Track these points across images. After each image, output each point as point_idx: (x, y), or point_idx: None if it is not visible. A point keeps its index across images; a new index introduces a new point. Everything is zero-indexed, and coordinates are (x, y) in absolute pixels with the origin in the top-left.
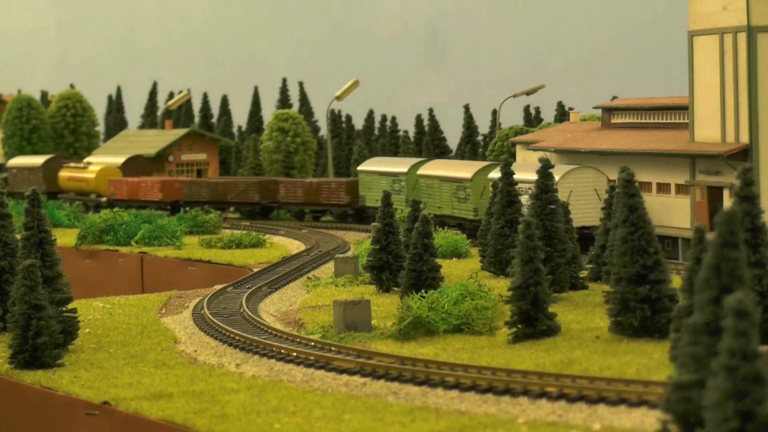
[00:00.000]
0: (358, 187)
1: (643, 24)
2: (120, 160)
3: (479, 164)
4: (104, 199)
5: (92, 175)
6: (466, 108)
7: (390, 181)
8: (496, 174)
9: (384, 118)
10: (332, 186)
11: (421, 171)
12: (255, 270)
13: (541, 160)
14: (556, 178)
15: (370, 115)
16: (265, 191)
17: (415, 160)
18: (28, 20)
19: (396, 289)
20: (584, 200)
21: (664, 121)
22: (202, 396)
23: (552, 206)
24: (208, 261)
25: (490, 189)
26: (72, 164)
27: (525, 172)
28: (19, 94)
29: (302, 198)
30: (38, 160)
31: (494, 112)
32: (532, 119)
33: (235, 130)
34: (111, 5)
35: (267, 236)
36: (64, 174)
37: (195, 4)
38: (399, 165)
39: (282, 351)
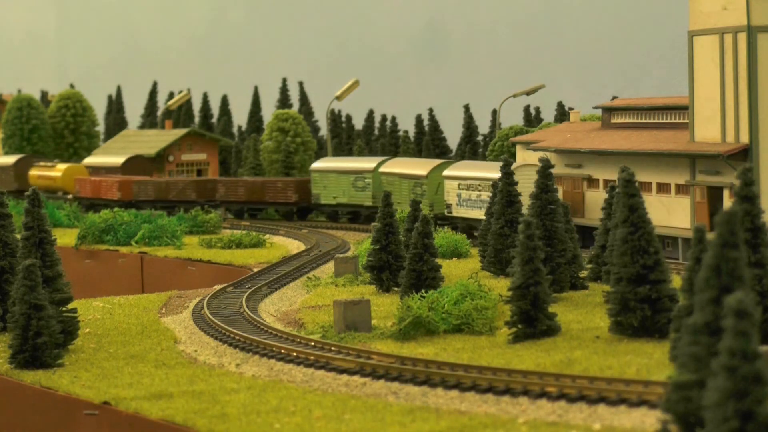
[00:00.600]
0: (307, 186)
1: (643, 24)
2: (120, 160)
3: (434, 162)
4: (70, 196)
5: (59, 174)
6: (466, 108)
7: (353, 179)
8: (449, 172)
9: (384, 118)
10: (279, 185)
11: (383, 169)
12: (255, 270)
13: (541, 160)
14: (497, 174)
15: (370, 115)
16: (203, 190)
17: (378, 159)
18: (28, 20)
19: (396, 289)
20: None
21: (664, 121)
22: (202, 396)
23: (552, 206)
24: (208, 261)
25: (445, 185)
26: (41, 163)
27: (481, 170)
28: (19, 94)
29: (244, 197)
30: (10, 159)
31: (494, 112)
32: (532, 119)
33: (235, 130)
34: (111, 5)
35: (267, 236)
36: (33, 173)
37: (195, 4)
38: (363, 163)
39: (282, 351)
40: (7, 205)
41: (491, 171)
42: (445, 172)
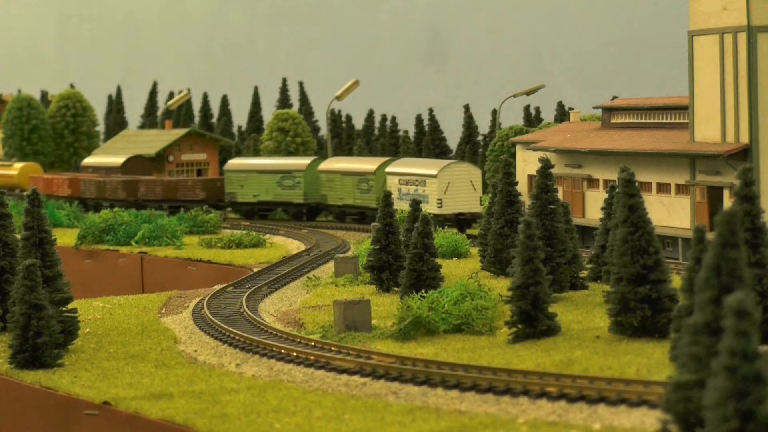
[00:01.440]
0: (215, 185)
1: (643, 24)
2: (120, 160)
3: (380, 159)
4: (26, 193)
5: (15, 172)
6: (466, 108)
7: (279, 177)
8: (391, 168)
9: (384, 118)
10: (189, 184)
11: (322, 167)
12: (255, 270)
13: (541, 160)
14: (435, 171)
15: (370, 115)
16: (129, 189)
17: (311, 158)
18: (28, 20)
19: (396, 289)
20: (460, 191)
21: (664, 121)
22: (202, 396)
23: (552, 206)
24: (208, 261)
25: (387, 181)
26: (1, 162)
27: (418, 167)
28: (19, 94)
29: (161, 195)
30: None
31: (494, 112)
32: (532, 119)
33: (235, 130)
34: (111, 5)
35: (267, 236)
36: None
37: (195, 4)
38: (290, 162)
39: (282, 351)
40: (7, 205)
41: (427, 168)
42: (387, 169)
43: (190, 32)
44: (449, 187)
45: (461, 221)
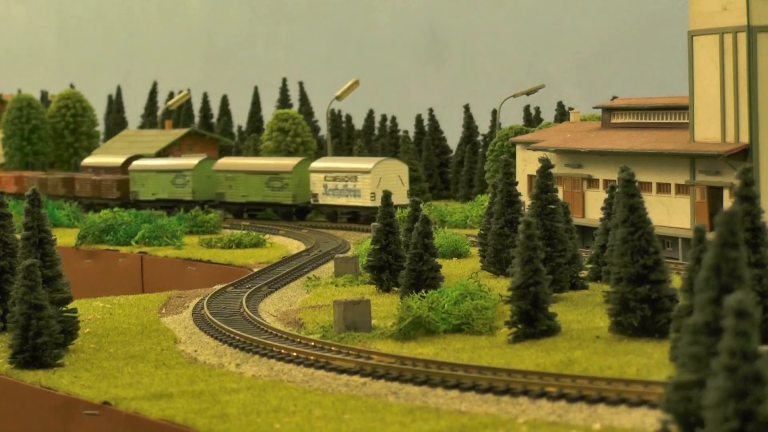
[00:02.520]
0: (128, 184)
1: (643, 24)
2: (120, 160)
3: (297, 159)
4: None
5: None
6: (466, 108)
7: (172, 177)
8: (316, 165)
9: (384, 118)
10: (108, 182)
11: (217, 166)
12: (255, 270)
13: (541, 160)
14: (368, 167)
15: (370, 115)
16: (67, 186)
17: (197, 159)
18: (28, 20)
19: (396, 289)
20: (391, 185)
21: (664, 121)
22: (202, 396)
23: (552, 206)
24: (208, 261)
25: (311, 178)
26: None
27: (334, 163)
28: (19, 94)
29: (90, 192)
30: None
31: (494, 112)
32: (532, 119)
33: (235, 130)
34: (111, 5)
35: (267, 236)
36: None
37: (195, 5)
38: (182, 162)
39: (282, 351)
40: (7, 205)
41: (358, 164)
42: (312, 166)
43: (190, 32)
44: (381, 182)
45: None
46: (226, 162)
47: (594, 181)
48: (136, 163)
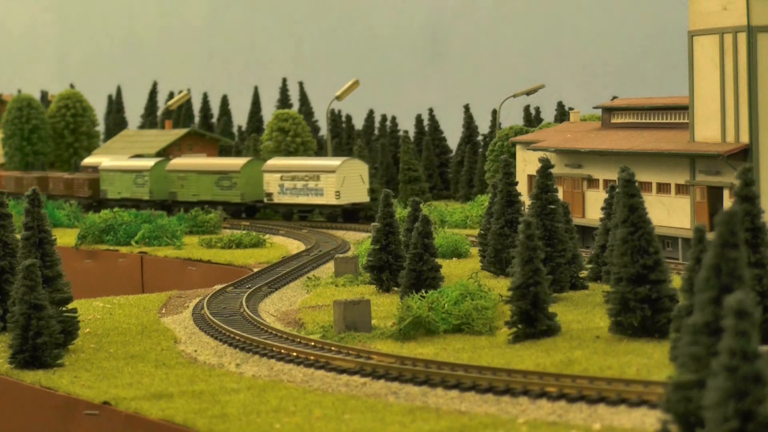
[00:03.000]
0: (98, 183)
1: (643, 24)
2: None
3: (245, 159)
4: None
5: None
6: (466, 108)
7: (133, 176)
8: (270, 165)
9: (384, 118)
10: (80, 181)
11: (169, 167)
12: (255, 270)
13: (541, 160)
14: (334, 167)
15: (370, 115)
16: (41, 184)
17: (156, 159)
18: (28, 20)
19: (396, 289)
20: (353, 183)
21: (664, 121)
22: (202, 396)
23: (552, 206)
24: (208, 261)
25: (265, 177)
26: None
27: (292, 162)
28: (19, 94)
29: (63, 191)
30: None
31: (494, 112)
32: (532, 119)
33: (235, 130)
34: (111, 5)
35: (267, 236)
36: None
37: (195, 4)
38: (141, 163)
39: (282, 351)
40: (7, 205)
41: (322, 163)
42: (266, 165)
43: (190, 32)
44: (345, 181)
45: (354, 210)
46: (178, 162)
47: (594, 181)
48: (105, 164)
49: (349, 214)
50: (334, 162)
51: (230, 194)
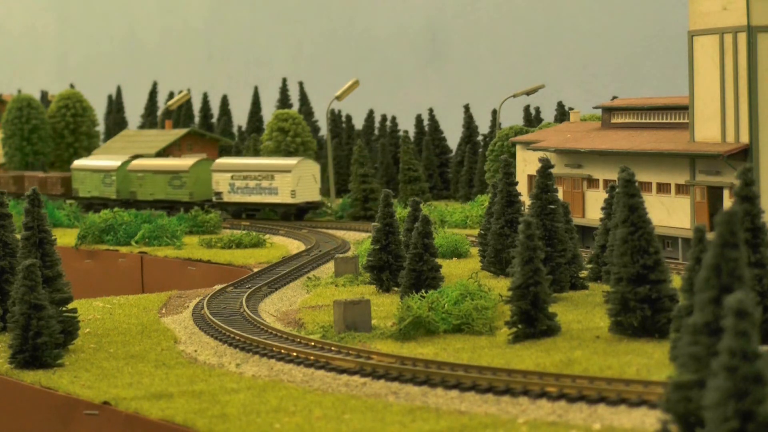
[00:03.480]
0: (70, 182)
1: (643, 24)
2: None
3: (195, 158)
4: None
5: None
6: (466, 108)
7: (102, 176)
8: (219, 165)
9: (384, 118)
10: (53, 180)
11: (130, 167)
12: (255, 270)
13: (541, 160)
14: (289, 167)
15: (370, 115)
16: (18, 183)
17: (124, 158)
18: (28, 20)
19: (396, 289)
20: (307, 183)
21: (664, 121)
22: (202, 396)
23: (552, 206)
24: (208, 261)
25: (214, 177)
26: None
27: (243, 161)
28: (19, 94)
29: (38, 189)
30: None
31: (494, 112)
32: (532, 119)
33: (235, 130)
34: (111, 5)
35: (267, 236)
36: None
37: (195, 4)
38: (108, 163)
39: (282, 351)
40: (7, 205)
41: (277, 162)
42: (216, 165)
43: (190, 32)
44: (300, 180)
45: (307, 208)
46: (138, 163)
47: (594, 181)
48: (77, 163)
49: (303, 213)
50: (289, 162)
51: (180, 193)
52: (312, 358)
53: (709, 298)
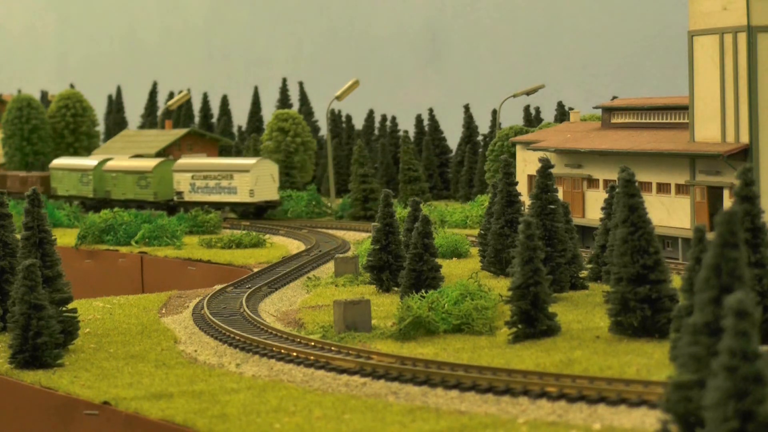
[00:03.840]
0: (49, 181)
1: (643, 24)
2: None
3: (159, 159)
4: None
5: None
6: (466, 108)
7: (80, 175)
8: (180, 165)
9: (384, 118)
10: (33, 179)
11: (105, 167)
12: (255, 270)
13: (541, 160)
14: (248, 166)
15: (370, 115)
16: (0, 182)
17: (100, 158)
18: (28, 20)
19: (396, 289)
20: (265, 182)
21: (664, 121)
22: (202, 396)
23: (552, 206)
24: (208, 261)
25: (175, 177)
26: None
27: (204, 162)
28: (19, 94)
29: (19, 188)
30: None
31: (494, 112)
32: (532, 119)
33: (235, 130)
34: (111, 5)
35: (267, 236)
36: None
37: (195, 4)
38: (86, 162)
39: (282, 351)
40: (7, 205)
41: (236, 162)
42: (177, 165)
43: (190, 32)
44: (258, 180)
45: (265, 207)
46: (112, 164)
47: (594, 181)
48: (55, 162)
49: (261, 211)
50: (248, 162)
51: (146, 193)
52: (312, 358)
53: (709, 298)
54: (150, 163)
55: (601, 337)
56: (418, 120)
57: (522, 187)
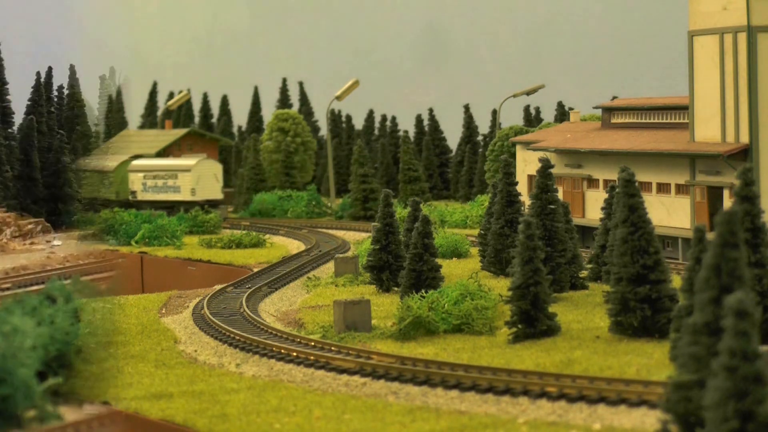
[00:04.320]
0: None
1: (643, 24)
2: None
3: (120, 159)
4: None
5: None
6: (466, 108)
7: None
8: (134, 165)
9: (384, 118)
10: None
11: (77, 166)
12: (255, 270)
13: (541, 160)
14: (189, 166)
15: (370, 115)
16: None
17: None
18: (28, 20)
19: (396, 289)
20: (207, 182)
21: (664, 121)
22: (202, 396)
23: (552, 206)
24: (208, 261)
25: (130, 176)
26: None
27: (153, 162)
28: None
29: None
30: None
31: (494, 112)
32: (532, 119)
33: (235, 130)
34: (111, 5)
35: (267, 236)
36: None
37: (195, 5)
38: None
39: (282, 351)
40: None
41: (179, 163)
42: (131, 166)
43: (190, 32)
44: (200, 179)
45: (208, 206)
46: (83, 163)
47: (594, 181)
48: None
49: (205, 210)
50: (189, 162)
51: (108, 192)
52: (312, 358)
53: (709, 298)
54: (112, 164)
55: (601, 337)
56: (418, 120)
57: (522, 187)
